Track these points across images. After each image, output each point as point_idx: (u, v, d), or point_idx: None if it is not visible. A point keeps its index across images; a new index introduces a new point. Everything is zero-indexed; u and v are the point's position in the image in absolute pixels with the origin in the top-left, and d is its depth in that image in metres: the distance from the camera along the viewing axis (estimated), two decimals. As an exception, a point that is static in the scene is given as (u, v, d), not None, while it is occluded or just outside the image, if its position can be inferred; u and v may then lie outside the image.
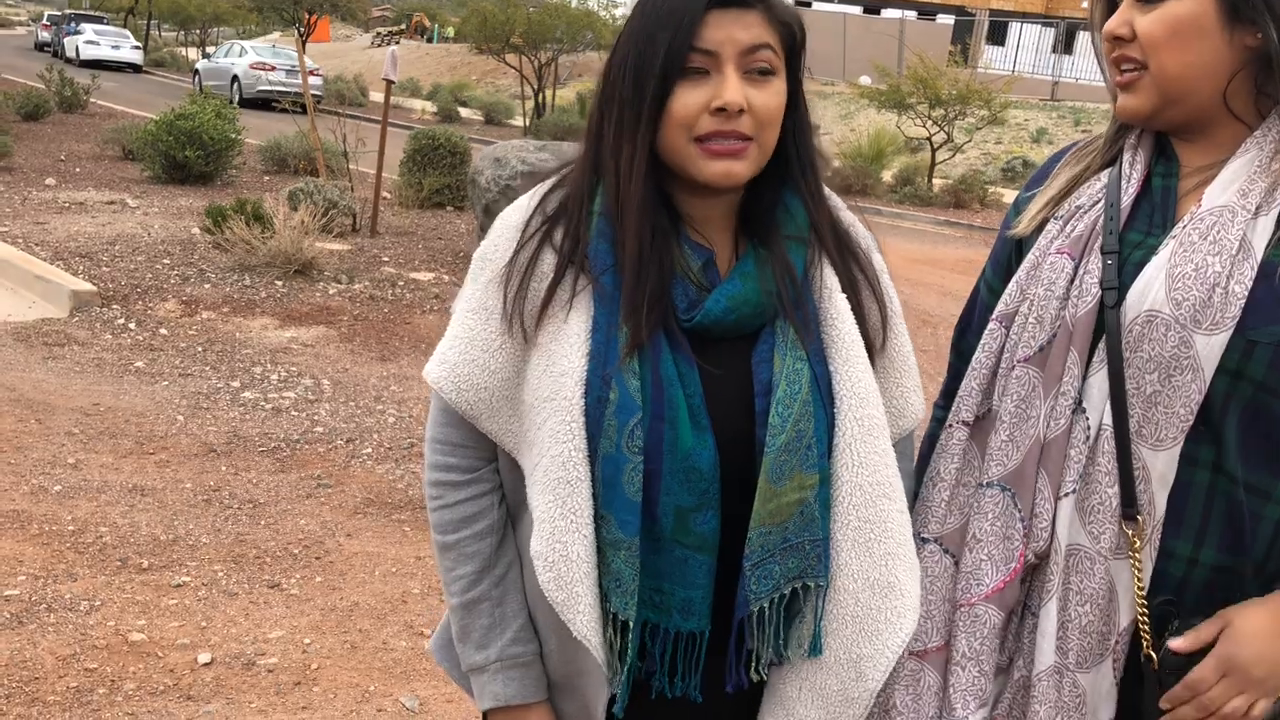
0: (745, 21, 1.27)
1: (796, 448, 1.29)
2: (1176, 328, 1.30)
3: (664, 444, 1.27)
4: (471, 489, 1.41)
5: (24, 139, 13.39)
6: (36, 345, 6.06)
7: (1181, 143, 1.41)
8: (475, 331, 1.35)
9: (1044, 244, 1.43)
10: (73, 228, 8.60)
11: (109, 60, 34.14)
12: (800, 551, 1.31)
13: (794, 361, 1.31)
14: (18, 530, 3.88)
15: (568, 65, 29.78)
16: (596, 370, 1.28)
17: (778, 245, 1.34)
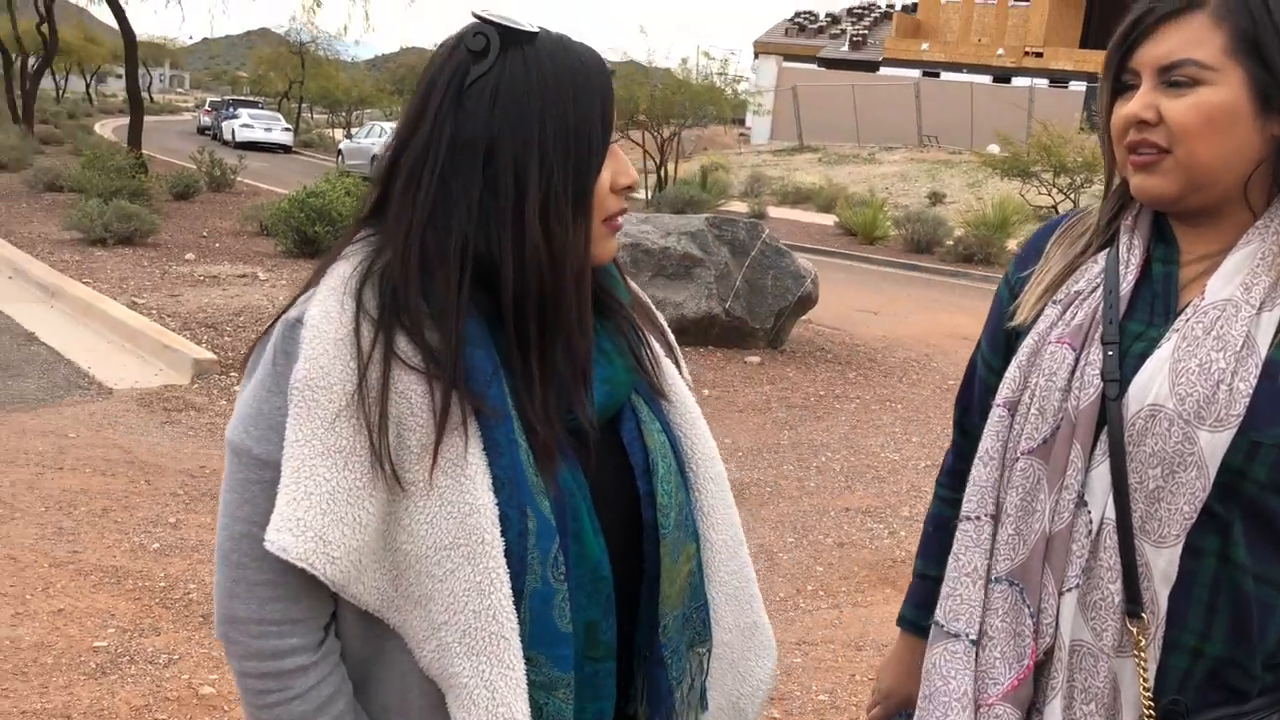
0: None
1: (681, 521, 1.26)
2: (1180, 423, 1.27)
3: (571, 559, 1.15)
4: (323, 667, 1.15)
5: (173, 216, 14.25)
6: (156, 410, 6.42)
7: (1184, 227, 1.39)
8: (333, 483, 1.09)
9: (1043, 329, 1.41)
10: (203, 299, 9.11)
11: (261, 142, 36.19)
12: (693, 622, 1.28)
13: (658, 434, 1.27)
14: (114, 585, 4.10)
15: (692, 139, 30.26)
16: (510, 501, 1.12)
17: (618, 314, 1.28)
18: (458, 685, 1.11)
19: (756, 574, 4.41)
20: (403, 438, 1.10)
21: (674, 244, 8.33)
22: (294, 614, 1.14)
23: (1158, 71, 1.32)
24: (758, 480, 5.71)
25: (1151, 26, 1.32)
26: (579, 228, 1.15)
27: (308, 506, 1.08)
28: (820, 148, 33.70)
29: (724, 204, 21.81)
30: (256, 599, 1.13)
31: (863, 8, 52.31)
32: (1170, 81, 1.31)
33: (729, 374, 7.89)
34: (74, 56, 52.17)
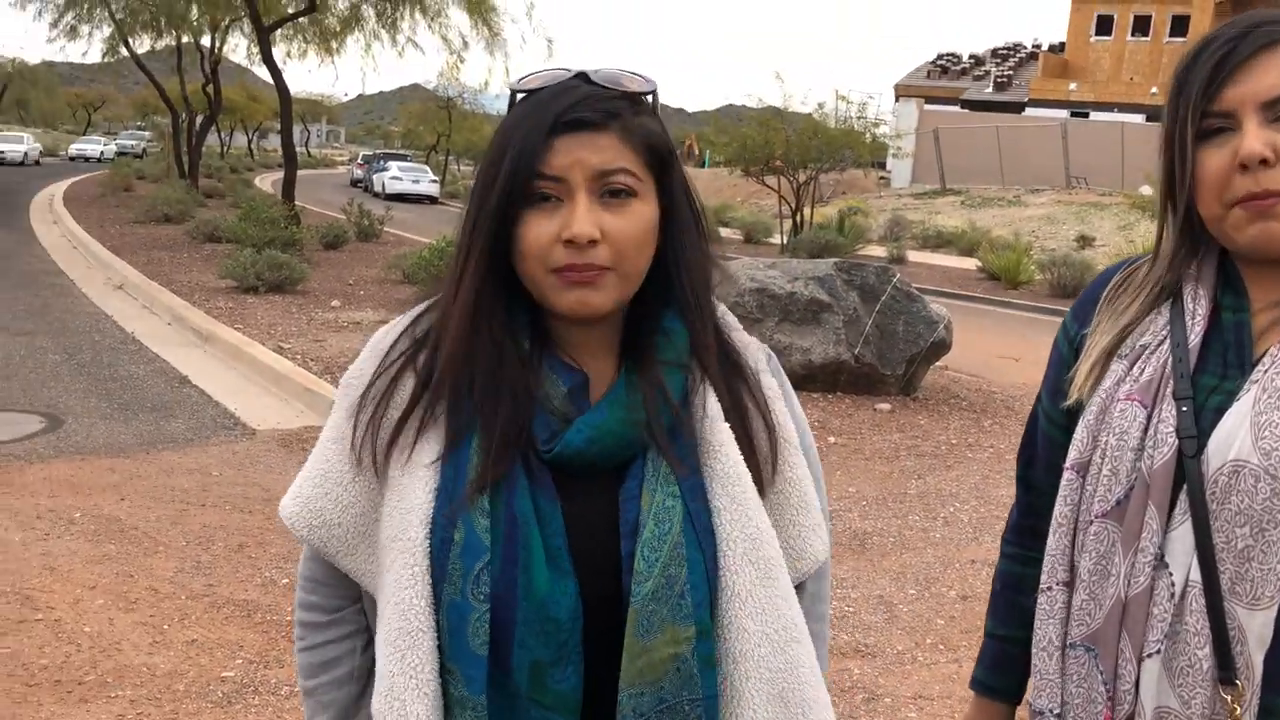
0: (596, 144, 1.16)
1: (667, 596, 1.15)
2: (1267, 479, 1.21)
3: (517, 589, 1.13)
4: (331, 631, 1.31)
5: (321, 266, 14.86)
6: (296, 450, 6.66)
7: (1256, 273, 1.31)
8: (331, 464, 1.24)
9: (1109, 386, 1.34)
10: (345, 345, 9.45)
11: (409, 193, 37.62)
12: (679, 713, 1.16)
13: (665, 498, 1.18)
14: (244, 618, 4.26)
15: (830, 183, 30.10)
16: (443, 507, 1.16)
17: (652, 370, 1.21)
18: (378, 672, 1.19)
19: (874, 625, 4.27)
20: (386, 434, 1.21)
21: (800, 289, 8.28)
22: (319, 576, 1.31)
23: (1264, 106, 1.23)
24: (881, 530, 5.58)
25: (1240, 63, 1.24)
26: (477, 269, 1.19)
27: (309, 481, 1.27)
28: (963, 190, 33.10)
29: (862, 248, 21.61)
30: (303, 557, 1.34)
31: (1007, 49, 51.40)
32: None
33: (857, 421, 7.77)
34: (238, 114, 55.33)
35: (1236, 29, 1.27)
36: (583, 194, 1.15)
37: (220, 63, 27.29)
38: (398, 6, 19.13)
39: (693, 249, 1.25)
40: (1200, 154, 1.27)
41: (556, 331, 1.24)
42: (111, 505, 5.47)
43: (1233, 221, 1.26)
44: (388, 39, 19.82)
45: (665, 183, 1.22)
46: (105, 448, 6.53)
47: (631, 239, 1.17)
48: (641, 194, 1.19)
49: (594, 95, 1.18)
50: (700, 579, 1.17)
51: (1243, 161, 1.22)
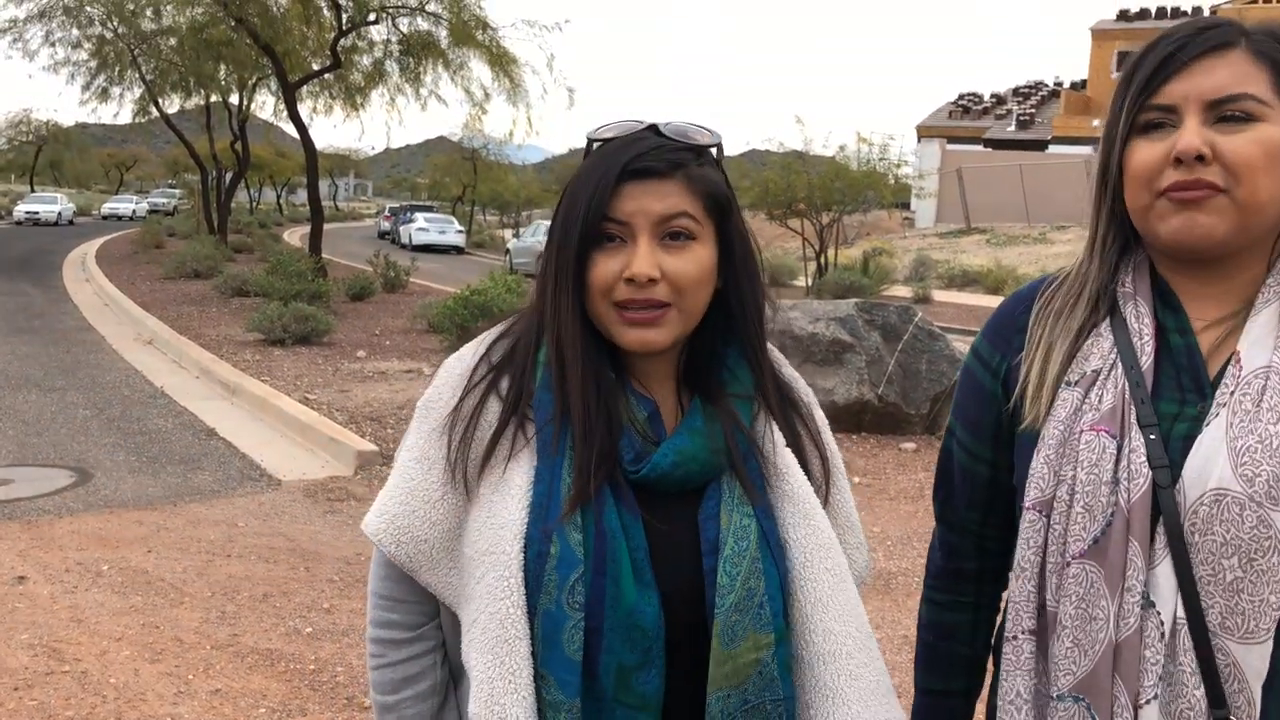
0: (661, 191, 1.28)
1: (748, 607, 1.26)
2: (1253, 506, 1.18)
3: (605, 599, 1.23)
4: (414, 647, 1.37)
5: (348, 316, 15.01)
6: (320, 500, 6.70)
7: (1190, 287, 1.31)
8: (416, 482, 1.32)
9: (1066, 416, 1.29)
10: (370, 394, 9.52)
11: (436, 244, 37.91)
12: (762, 712, 1.27)
13: (741, 518, 1.29)
14: (268, 667, 4.27)
15: (854, 225, 30.16)
16: (537, 523, 1.25)
17: (725, 402, 1.33)
18: (472, 677, 1.25)
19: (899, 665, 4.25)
20: (478, 455, 1.30)
21: (822, 330, 8.28)
22: (398, 594, 1.36)
23: (1208, 106, 1.23)
24: (905, 570, 5.54)
25: (1187, 59, 1.25)
26: (574, 303, 1.30)
27: (394, 498, 1.33)
28: (988, 229, 33.07)
29: (887, 289, 21.58)
30: (377, 576, 1.38)
31: (1029, 87, 51.53)
32: (1225, 116, 1.23)
33: (881, 461, 7.73)
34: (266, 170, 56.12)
35: (1189, 29, 1.28)
36: (645, 237, 1.28)
37: (248, 120, 27.76)
38: (420, 60, 19.44)
39: (750, 289, 1.36)
40: (1134, 145, 1.27)
41: (628, 359, 1.35)
42: (139, 557, 5.51)
43: (1158, 211, 1.25)
44: (411, 92, 20.11)
45: (724, 228, 1.34)
46: (133, 500, 6.60)
47: (690, 277, 1.29)
48: (701, 237, 1.30)
49: (661, 146, 1.31)
50: (776, 590, 1.28)
51: (1179, 155, 1.22)
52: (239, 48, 19.49)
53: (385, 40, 19.74)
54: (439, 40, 19.01)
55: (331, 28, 18.67)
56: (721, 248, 1.33)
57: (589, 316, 1.31)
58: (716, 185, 1.32)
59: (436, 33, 18.93)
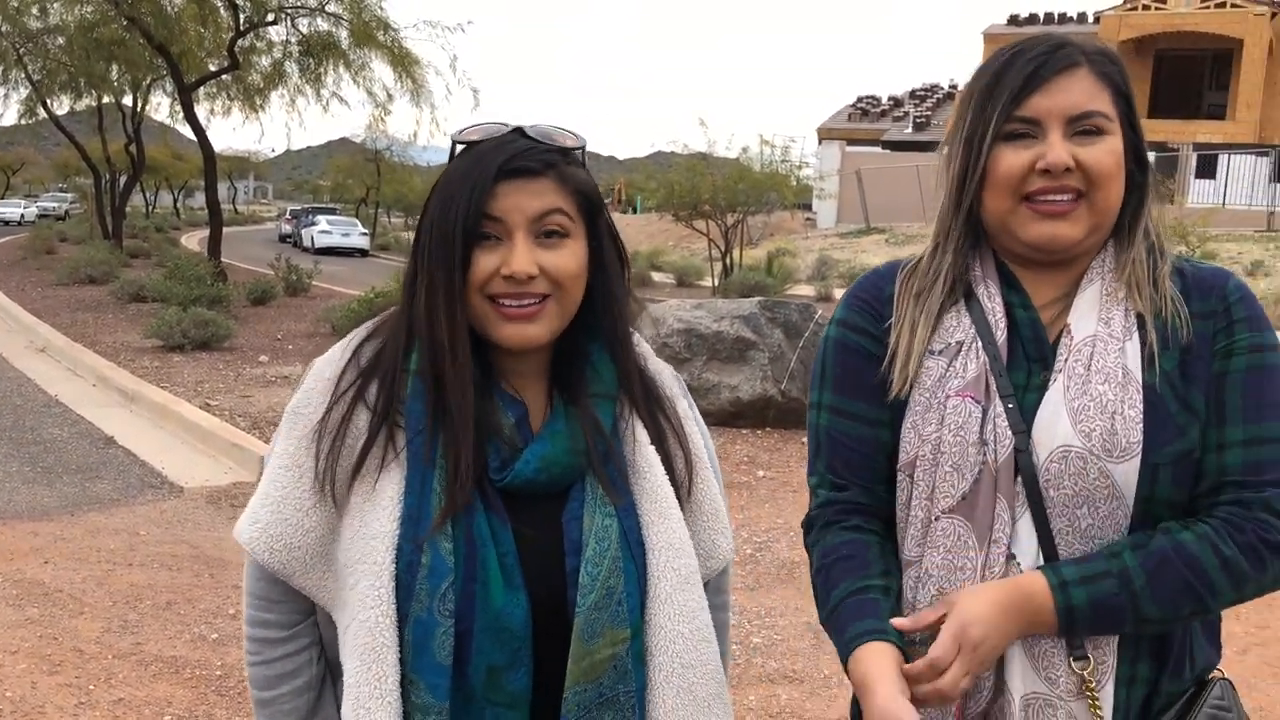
0: (535, 190, 1.31)
1: (607, 605, 1.30)
2: (1093, 459, 1.32)
3: (475, 604, 1.27)
4: (289, 645, 1.39)
5: (249, 321, 14.75)
6: (224, 507, 6.62)
7: (1031, 274, 1.44)
8: (288, 490, 1.33)
9: (930, 384, 1.41)
10: (274, 399, 9.39)
11: (339, 247, 37.32)
12: (615, 704, 1.32)
13: (603, 518, 1.32)
14: (173, 674, 4.23)
15: (758, 225, 30.52)
16: (409, 534, 1.27)
17: (585, 403, 1.36)
18: (345, 680, 1.30)
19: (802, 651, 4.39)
20: (348, 465, 1.31)
21: (726, 328, 8.43)
22: (273, 595, 1.38)
23: (1068, 121, 1.36)
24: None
25: (1047, 76, 1.37)
26: (454, 305, 1.31)
27: (265, 506, 1.35)
28: (887, 229, 33.74)
29: (791, 288, 21.91)
30: (252, 577, 1.40)
31: (925, 90, 52.71)
32: (1082, 130, 1.36)
33: (785, 455, 7.90)
34: (163, 173, 54.64)
35: (1045, 45, 1.40)
36: (521, 234, 1.31)
37: (143, 122, 27.05)
38: (321, 61, 19.17)
39: (617, 286, 1.40)
40: (998, 153, 1.39)
41: (498, 361, 1.37)
42: (35, 569, 5.38)
43: (1020, 217, 1.38)
44: (312, 94, 19.83)
45: (594, 226, 1.38)
46: (28, 512, 6.43)
47: (568, 272, 1.33)
48: (574, 234, 1.34)
49: (533, 147, 1.32)
50: (634, 587, 1.33)
51: (1049, 167, 1.35)
52: (131, 48, 19.00)
53: (285, 41, 19.46)
54: (340, 41, 18.79)
55: (229, 28, 18.31)
56: (591, 245, 1.37)
57: (465, 316, 1.32)
58: (587, 184, 1.36)
59: (337, 33, 18.73)
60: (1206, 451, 1.35)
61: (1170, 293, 1.39)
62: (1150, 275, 1.40)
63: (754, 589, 5.23)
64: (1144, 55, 42.88)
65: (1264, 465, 1.32)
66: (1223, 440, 1.34)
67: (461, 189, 1.31)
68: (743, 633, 4.66)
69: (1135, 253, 1.42)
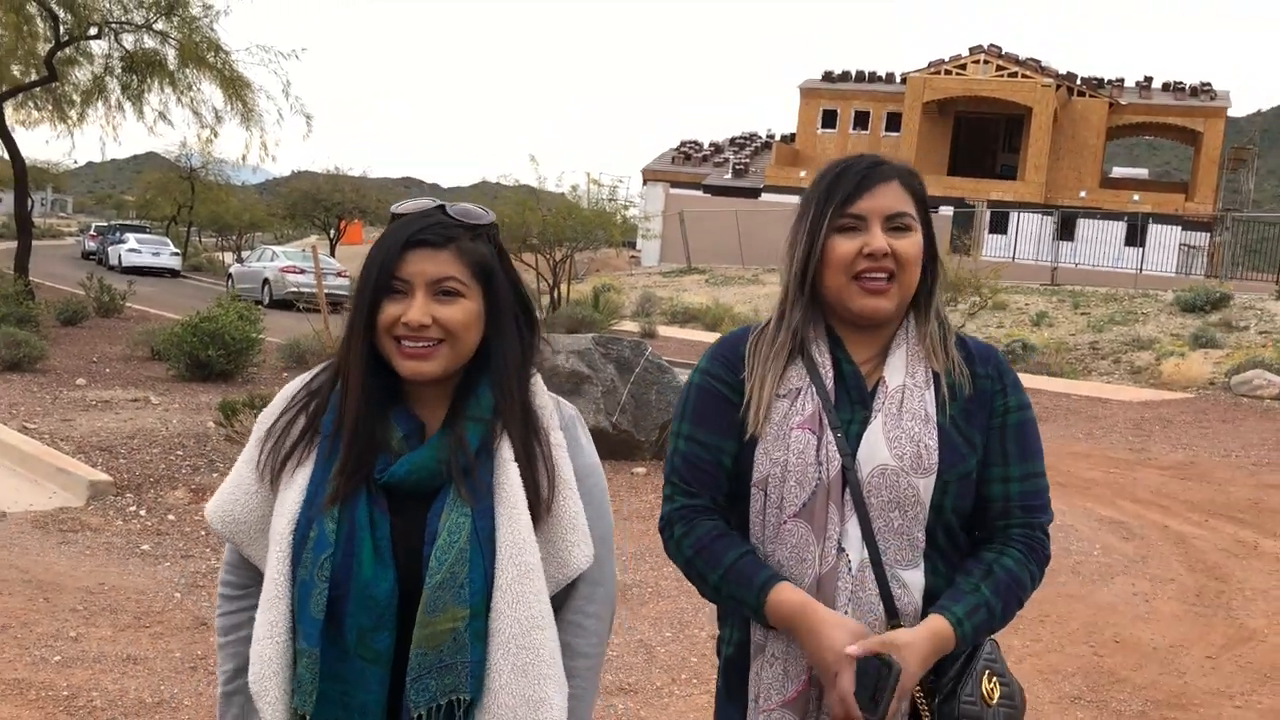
0: (436, 259, 1.64)
1: (450, 586, 1.58)
2: (904, 475, 1.77)
3: (350, 575, 1.59)
4: (240, 602, 1.76)
5: (61, 342, 14.22)
6: (52, 531, 6.52)
7: (852, 337, 1.88)
8: (242, 477, 1.73)
9: (778, 420, 1.82)
10: (96, 424, 9.20)
11: (149, 266, 35.86)
12: (453, 670, 1.58)
13: (458, 516, 1.61)
14: (17, 696, 4.24)
15: (585, 261, 31.08)
16: (306, 513, 1.62)
17: (460, 425, 1.66)
18: (255, 628, 1.65)
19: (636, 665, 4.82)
20: (280, 459, 1.69)
21: (563, 361, 8.78)
22: (234, 561, 1.79)
23: (886, 219, 1.82)
24: (640, 581, 6.07)
25: (870, 185, 1.83)
26: (361, 343, 1.67)
27: (225, 490, 1.75)
28: (707, 269, 34.85)
29: (616, 323, 22.43)
30: (227, 549, 1.79)
31: (744, 138, 54.59)
32: (895, 226, 1.83)
33: (616, 484, 8.28)
34: (-48, 181, 51.22)
35: (866, 163, 1.86)
36: (421, 292, 1.64)
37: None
38: (145, 79, 18.64)
39: (509, 334, 1.72)
40: (832, 241, 1.84)
41: (410, 389, 1.71)
42: None
43: (851, 292, 1.83)
44: (133, 111, 19.21)
45: (489, 289, 1.70)
46: None
47: (457, 322, 1.65)
48: (468, 295, 1.67)
49: (441, 223, 1.67)
50: (480, 575, 1.61)
51: (871, 252, 1.81)
52: (-66, 51, 18.03)
53: (106, 55, 18.80)
54: (166, 60, 18.32)
55: (47, 39, 17.62)
56: (488, 303, 1.68)
57: (376, 353, 1.66)
58: (483, 256, 1.68)
59: (164, 51, 18.25)
60: (993, 483, 1.84)
61: (956, 357, 1.87)
62: (942, 343, 1.88)
63: (589, 610, 5.57)
64: (945, 116, 45.80)
65: (1033, 494, 1.85)
66: (1006, 475, 1.84)
67: (380, 253, 1.67)
68: (580, 649, 4.98)
69: (931, 326, 1.89)
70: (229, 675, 1.76)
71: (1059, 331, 22.50)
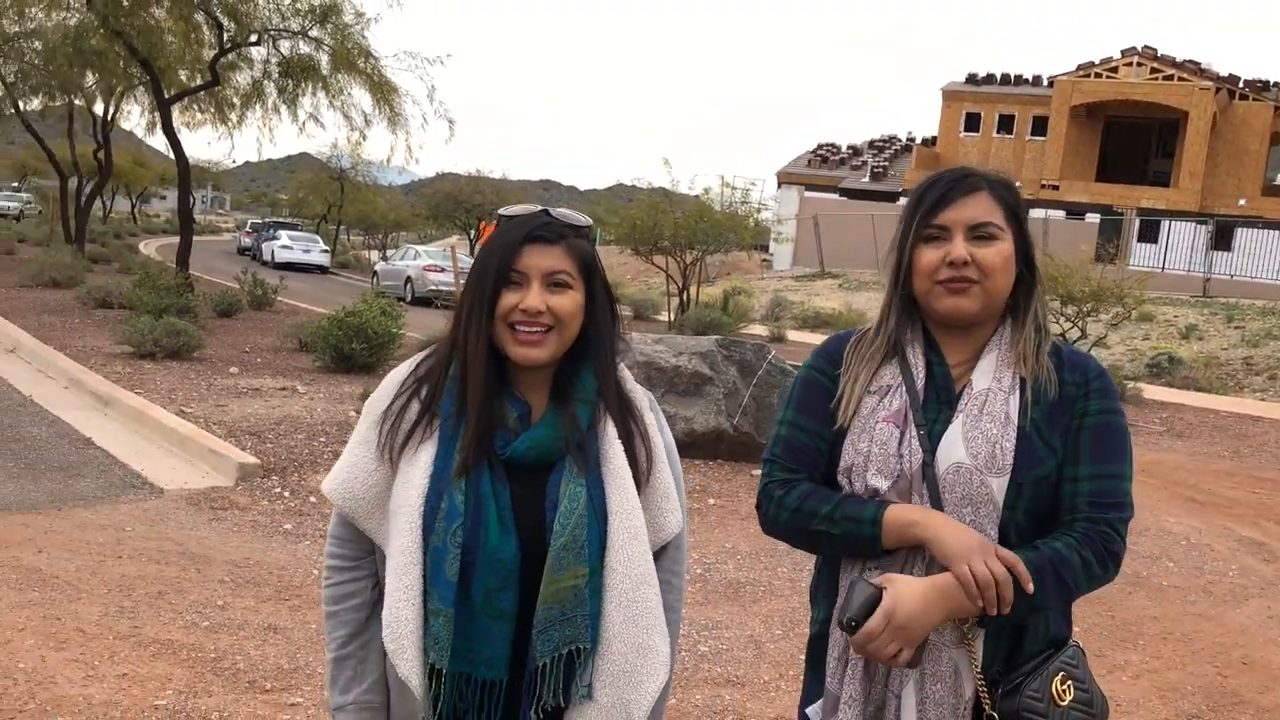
0: (549, 253, 1.84)
1: (572, 547, 1.77)
2: (977, 473, 1.86)
3: (478, 541, 1.76)
4: (352, 573, 1.91)
5: (216, 333, 15.03)
6: (204, 509, 6.98)
7: (947, 340, 1.99)
8: (358, 457, 1.87)
9: (867, 414, 1.96)
10: (247, 409, 9.74)
11: (299, 262, 37.41)
12: (573, 623, 1.77)
13: (575, 486, 1.80)
14: (170, 655, 4.61)
15: (716, 264, 31.17)
16: (435, 487, 1.78)
17: (570, 405, 1.86)
18: (386, 593, 1.80)
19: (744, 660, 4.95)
20: (400, 440, 1.84)
21: (685, 363, 8.93)
22: (344, 535, 1.93)
23: (969, 228, 1.93)
24: (753, 580, 6.17)
25: (955, 197, 1.94)
26: (482, 330, 1.83)
27: (343, 468, 1.89)
28: (841, 274, 34.57)
29: (745, 327, 22.49)
30: (333, 523, 1.94)
31: (883, 140, 53.91)
32: (979, 235, 1.92)
33: (734, 485, 8.39)
34: (123, 179, 54.30)
35: (955, 175, 1.97)
36: (536, 283, 1.84)
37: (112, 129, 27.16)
38: (299, 84, 19.54)
39: (605, 326, 1.92)
40: (919, 251, 1.96)
41: (513, 374, 1.90)
42: (30, 557, 5.72)
43: (935, 294, 1.94)
44: (288, 114, 20.15)
45: (590, 282, 1.91)
46: (16, 504, 6.75)
47: (566, 312, 1.85)
48: (575, 287, 1.87)
49: (551, 223, 1.86)
50: (595, 537, 1.81)
51: (952, 260, 1.91)
52: (110, 58, 19.22)
53: (265, 60, 19.78)
54: (320, 65, 19.18)
55: (212, 45, 18.65)
56: (588, 296, 1.88)
57: (492, 340, 1.83)
58: (587, 253, 1.89)
59: (318, 57, 19.11)
60: (1064, 482, 1.90)
61: (1047, 364, 1.94)
62: (1035, 350, 1.95)
63: (702, 604, 5.70)
64: (1094, 120, 44.33)
65: (1106, 493, 1.89)
66: (1076, 475, 1.90)
67: (498, 248, 1.85)
68: (691, 641, 5.12)
69: (1025, 333, 1.97)
70: (341, 641, 1.90)
71: (1209, 345, 21.63)
